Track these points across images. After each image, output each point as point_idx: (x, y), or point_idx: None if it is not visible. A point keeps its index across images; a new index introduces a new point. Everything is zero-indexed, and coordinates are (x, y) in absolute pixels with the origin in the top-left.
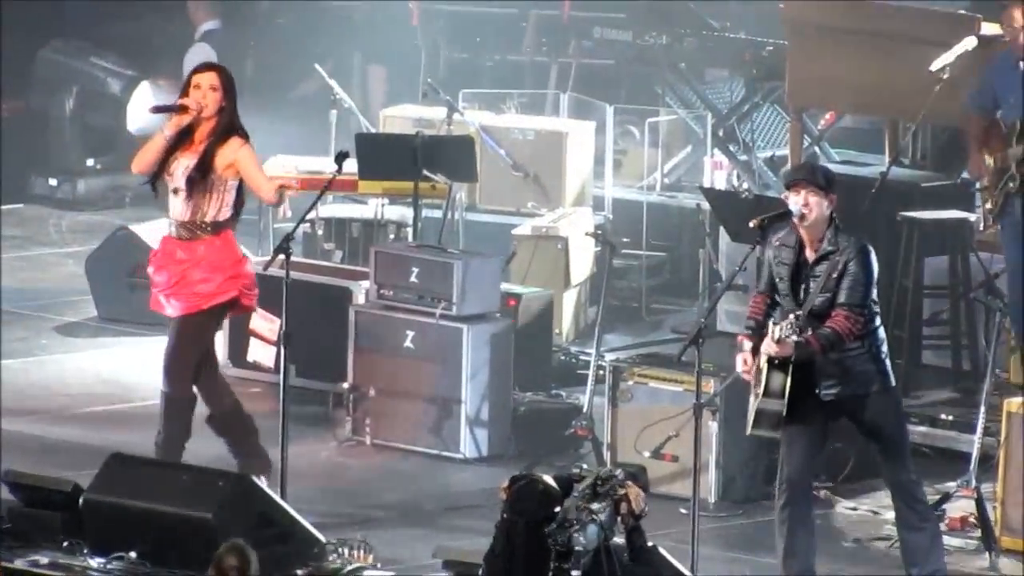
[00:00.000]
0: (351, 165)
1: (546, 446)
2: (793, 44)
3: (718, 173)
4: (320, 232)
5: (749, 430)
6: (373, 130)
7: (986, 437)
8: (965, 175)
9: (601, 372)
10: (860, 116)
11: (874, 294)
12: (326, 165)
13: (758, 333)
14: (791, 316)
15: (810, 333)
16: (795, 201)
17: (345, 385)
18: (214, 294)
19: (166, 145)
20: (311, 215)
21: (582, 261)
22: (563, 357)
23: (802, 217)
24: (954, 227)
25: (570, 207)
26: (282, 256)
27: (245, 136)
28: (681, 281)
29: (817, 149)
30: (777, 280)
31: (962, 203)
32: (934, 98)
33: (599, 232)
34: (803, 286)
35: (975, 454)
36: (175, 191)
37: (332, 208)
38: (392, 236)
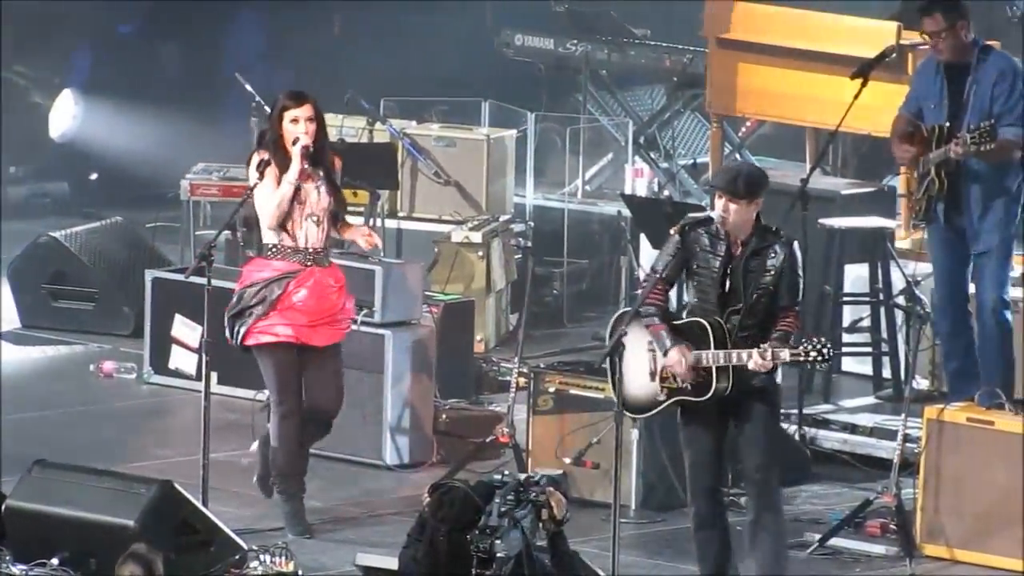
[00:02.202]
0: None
1: (467, 453)
2: (714, 52)
3: (639, 180)
4: (241, 239)
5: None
6: None
7: (906, 443)
8: (888, 181)
9: (522, 379)
10: (780, 123)
11: None
12: (249, 173)
13: (663, 320)
14: (787, 349)
15: (776, 339)
16: (717, 206)
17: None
18: (351, 317)
19: (294, 188)
20: (232, 222)
21: (503, 268)
22: (484, 364)
23: (723, 222)
24: (874, 234)
25: (491, 214)
26: (204, 264)
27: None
28: (602, 288)
29: (738, 156)
30: (699, 268)
31: (882, 210)
32: (853, 106)
33: (520, 240)
34: (728, 278)
35: (895, 460)
36: (311, 217)
37: (253, 214)
38: None
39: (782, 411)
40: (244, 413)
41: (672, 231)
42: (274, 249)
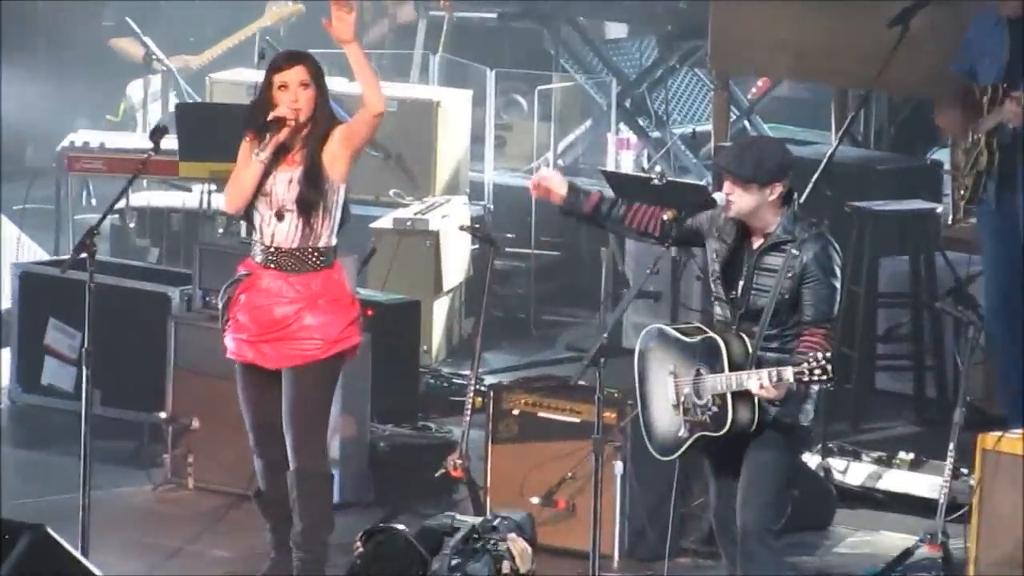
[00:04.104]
0: (170, 142)
1: (411, 491)
2: None
3: (624, 153)
4: (132, 225)
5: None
6: (197, 98)
7: (955, 480)
8: (933, 156)
9: (480, 399)
10: (800, 83)
11: None
12: (139, 142)
13: (615, 205)
14: (791, 368)
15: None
16: (724, 188)
17: (162, 415)
18: (337, 340)
19: (263, 170)
20: (120, 204)
21: (456, 262)
22: (432, 380)
23: (727, 207)
24: (917, 220)
25: (442, 195)
26: (84, 255)
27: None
28: (578, 287)
29: (747, 124)
30: (710, 262)
31: (927, 191)
32: (892, 61)
33: (477, 226)
34: (742, 277)
35: (942, 501)
36: (279, 214)
37: (147, 196)
38: (221, 230)
39: None
40: (135, 440)
41: (665, 217)
42: (251, 244)
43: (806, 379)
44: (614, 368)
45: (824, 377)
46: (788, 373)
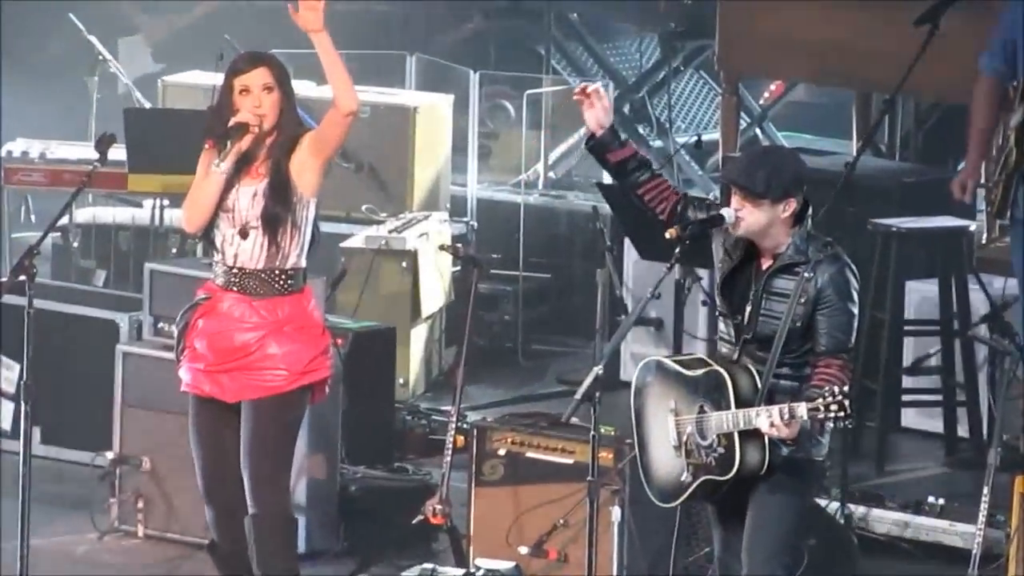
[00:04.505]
0: (118, 153)
1: (386, 539)
2: None
3: None
4: (76, 244)
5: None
6: (148, 104)
7: (989, 528)
8: (963, 167)
9: (462, 437)
10: (818, 86)
11: None
12: (84, 152)
13: (640, 168)
14: (804, 403)
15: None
16: (732, 203)
17: (109, 455)
18: (304, 371)
19: (224, 182)
20: (63, 221)
21: (436, 285)
22: (409, 417)
23: (735, 224)
24: (947, 239)
25: (419, 211)
26: (23, 278)
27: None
28: (571, 313)
29: (758, 132)
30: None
31: (958, 207)
32: (919, 61)
33: (459, 246)
34: (749, 302)
35: (976, 551)
36: (242, 232)
37: (92, 212)
38: (175, 250)
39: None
40: (79, 483)
41: (668, 234)
42: (213, 264)
43: (821, 416)
44: (611, 404)
45: (841, 414)
46: (801, 410)
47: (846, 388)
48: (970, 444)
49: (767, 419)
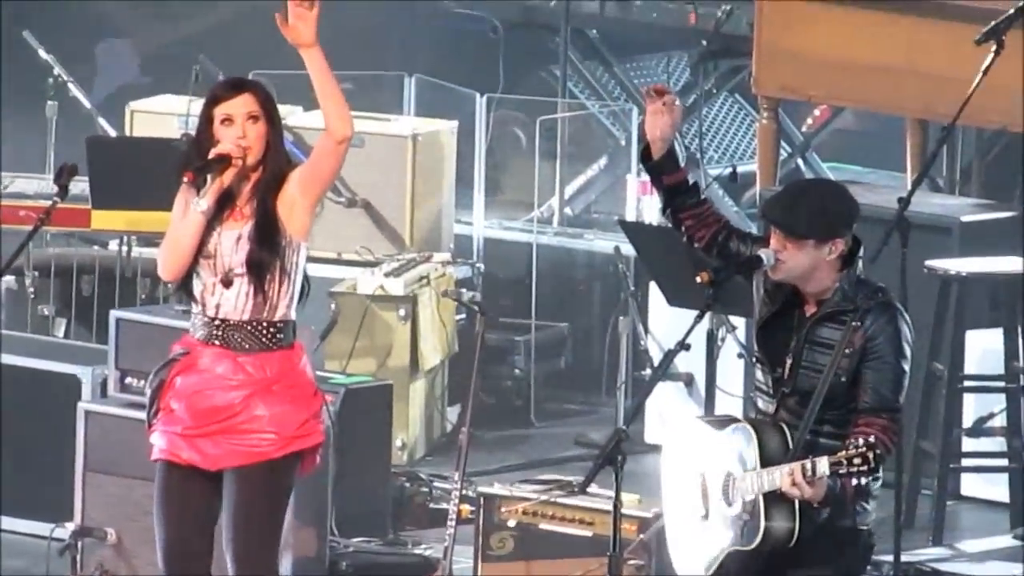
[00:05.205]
0: (80, 186)
1: None
2: (765, 4)
3: (648, 200)
4: (33, 290)
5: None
6: (114, 132)
7: None
8: None
9: (467, 507)
10: (867, 113)
11: None
12: (42, 186)
13: (689, 193)
14: (826, 457)
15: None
16: (772, 243)
17: (70, 526)
18: (295, 436)
19: (205, 223)
20: (19, 263)
21: (438, 336)
22: (408, 483)
23: (775, 268)
24: (1012, 284)
25: (419, 252)
26: None
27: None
28: (590, 367)
29: (800, 163)
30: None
31: None
32: (981, 86)
33: (464, 291)
34: (790, 352)
35: None
36: (225, 280)
37: (51, 252)
38: (143, 295)
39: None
40: (35, 558)
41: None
42: (191, 315)
43: (844, 470)
44: (635, 469)
45: (865, 468)
46: (823, 465)
47: (871, 439)
48: None
49: (789, 477)
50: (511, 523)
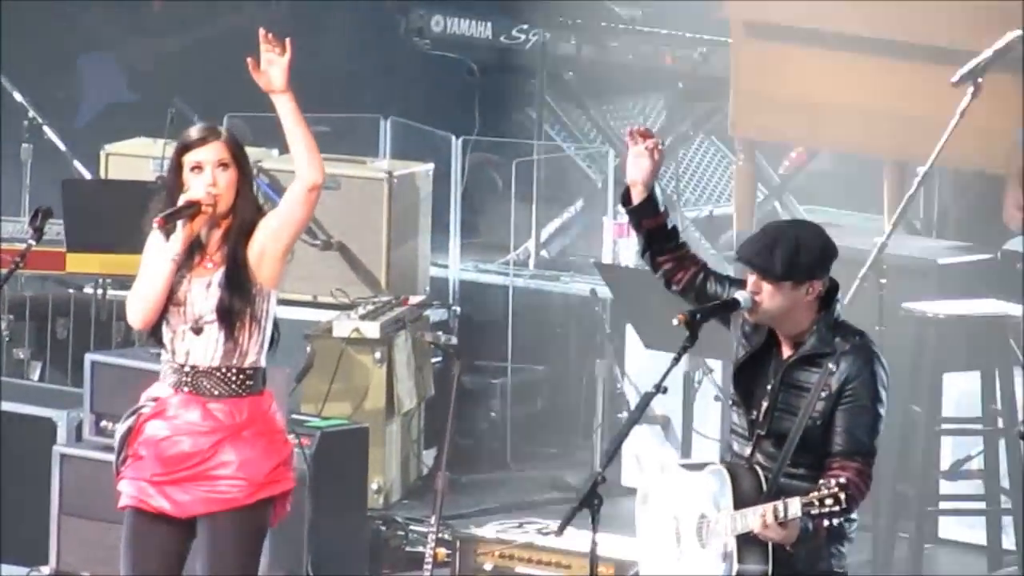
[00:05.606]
0: (55, 229)
1: None
2: (741, 44)
3: (624, 242)
4: (7, 332)
5: None
6: (89, 175)
7: None
8: (1011, 246)
9: (443, 551)
10: (844, 155)
11: None
12: (16, 229)
13: (670, 238)
14: (798, 498)
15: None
16: (748, 284)
17: (45, 570)
18: (265, 483)
19: (175, 269)
20: None
21: (413, 378)
22: (384, 527)
23: (752, 310)
24: (989, 326)
25: (395, 294)
26: None
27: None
28: (567, 410)
29: (777, 205)
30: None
31: (1002, 290)
32: (959, 128)
33: (440, 334)
34: (765, 395)
35: None
36: (195, 328)
37: (25, 295)
38: (119, 338)
39: None
40: None
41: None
42: (163, 362)
43: (815, 511)
44: (612, 512)
45: (837, 508)
46: (795, 506)
47: (843, 480)
48: (1017, 557)
49: (760, 518)
50: (487, 566)
